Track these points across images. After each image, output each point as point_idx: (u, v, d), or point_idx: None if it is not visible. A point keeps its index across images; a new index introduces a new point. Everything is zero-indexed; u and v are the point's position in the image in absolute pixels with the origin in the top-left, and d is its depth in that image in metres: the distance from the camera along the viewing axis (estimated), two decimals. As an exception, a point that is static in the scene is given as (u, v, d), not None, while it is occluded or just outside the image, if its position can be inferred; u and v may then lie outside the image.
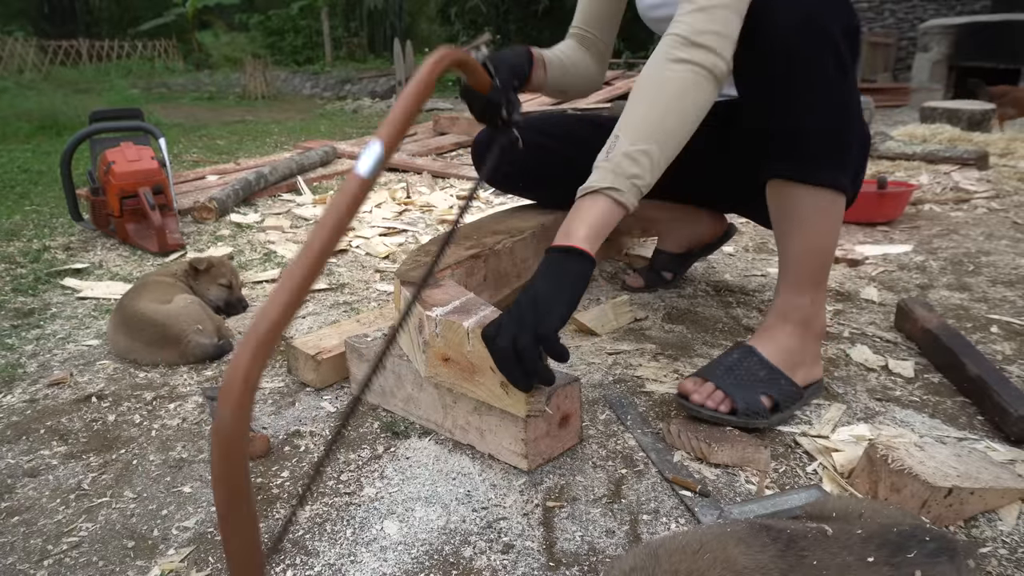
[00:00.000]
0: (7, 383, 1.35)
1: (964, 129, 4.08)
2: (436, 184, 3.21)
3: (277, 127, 5.83)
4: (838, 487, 0.96)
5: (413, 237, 2.34)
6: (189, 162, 3.94)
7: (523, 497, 0.96)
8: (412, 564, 0.84)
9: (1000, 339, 1.43)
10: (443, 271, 1.27)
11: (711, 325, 1.54)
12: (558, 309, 0.90)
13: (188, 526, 0.93)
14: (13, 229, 2.48)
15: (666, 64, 1.01)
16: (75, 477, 1.04)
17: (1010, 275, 1.81)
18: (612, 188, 0.96)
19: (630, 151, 0.97)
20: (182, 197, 2.73)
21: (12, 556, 0.88)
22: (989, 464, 0.95)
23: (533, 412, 0.96)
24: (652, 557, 0.66)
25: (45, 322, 1.65)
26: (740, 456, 1.02)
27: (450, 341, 1.01)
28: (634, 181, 0.97)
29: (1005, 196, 2.71)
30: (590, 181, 0.98)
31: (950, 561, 0.65)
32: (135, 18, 16.01)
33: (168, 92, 10.22)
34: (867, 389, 1.24)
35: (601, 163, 0.98)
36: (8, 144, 4.68)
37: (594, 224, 0.95)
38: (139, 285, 1.55)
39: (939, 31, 6.12)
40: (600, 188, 0.96)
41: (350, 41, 14.21)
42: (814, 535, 0.68)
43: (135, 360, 1.42)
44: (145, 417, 1.21)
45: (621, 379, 1.29)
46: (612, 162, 0.97)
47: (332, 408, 1.23)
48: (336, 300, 1.76)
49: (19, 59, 11.45)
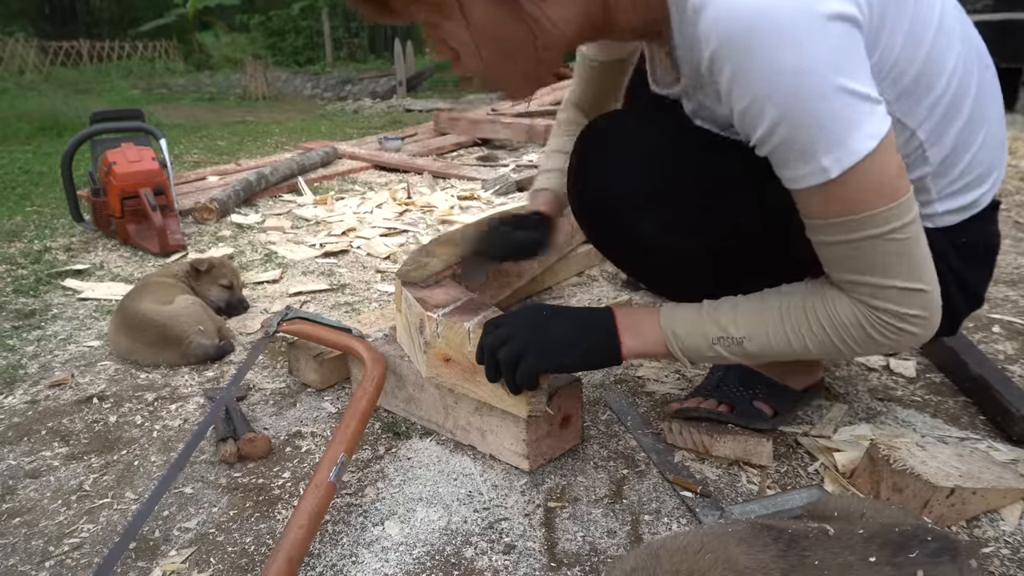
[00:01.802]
0: (8, 384, 1.35)
1: (965, 128, 4.07)
2: (437, 184, 3.20)
3: (278, 128, 5.83)
4: (840, 487, 0.96)
5: (414, 238, 2.34)
6: (190, 163, 3.94)
7: (524, 498, 0.96)
8: (413, 564, 0.84)
9: (1002, 339, 1.43)
10: (444, 272, 1.27)
11: (712, 325, 1.54)
12: (560, 360, 0.89)
13: (189, 527, 0.93)
14: (14, 230, 2.48)
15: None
16: (76, 478, 1.04)
17: (1012, 275, 1.80)
18: (686, 359, 0.88)
19: (732, 359, 0.86)
20: (183, 198, 2.73)
21: (14, 557, 0.88)
22: (991, 464, 0.95)
23: (534, 413, 0.95)
24: (653, 557, 0.66)
25: (46, 323, 1.65)
26: (743, 449, 1.01)
27: (451, 341, 1.01)
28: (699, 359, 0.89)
29: (1006, 196, 2.70)
30: (680, 331, 0.86)
31: (952, 561, 0.65)
32: (136, 19, 16.02)
33: (169, 93, 10.22)
34: (868, 389, 1.24)
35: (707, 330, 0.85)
36: (9, 145, 4.68)
37: (647, 351, 0.90)
38: (140, 286, 1.55)
39: (940, 30, 6.11)
40: (676, 353, 0.87)
41: (351, 42, 14.21)
42: (816, 535, 0.67)
43: (136, 361, 1.42)
44: (146, 418, 1.21)
45: (622, 379, 1.29)
46: (713, 349, 0.85)
47: (333, 409, 1.23)
48: (337, 300, 1.76)
49: (20, 60, 11.46)
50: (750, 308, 0.85)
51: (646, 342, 0.89)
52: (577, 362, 0.91)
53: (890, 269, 0.74)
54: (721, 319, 0.85)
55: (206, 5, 14.50)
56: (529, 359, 0.87)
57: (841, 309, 0.79)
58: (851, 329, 0.79)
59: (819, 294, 0.81)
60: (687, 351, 0.87)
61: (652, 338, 0.88)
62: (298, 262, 2.09)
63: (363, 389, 1.04)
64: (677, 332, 0.87)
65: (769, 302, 0.84)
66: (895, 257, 0.74)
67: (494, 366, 0.90)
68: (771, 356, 0.85)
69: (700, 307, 0.88)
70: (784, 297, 0.84)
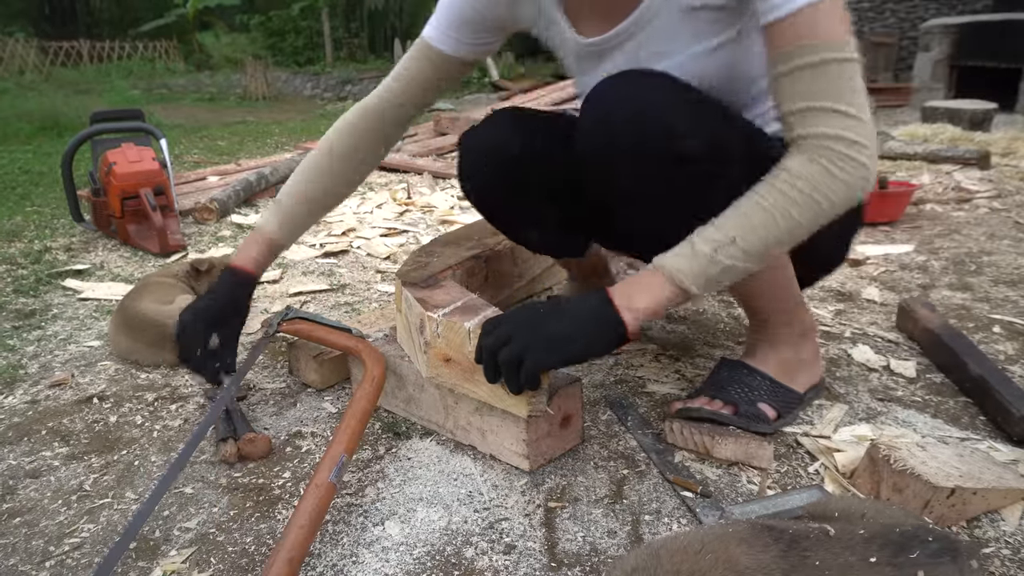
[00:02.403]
0: (8, 384, 1.35)
1: (966, 129, 4.07)
2: (437, 184, 3.21)
3: (278, 128, 5.83)
4: (840, 487, 0.96)
5: (414, 238, 2.34)
6: (190, 163, 3.94)
7: (525, 498, 0.96)
8: (414, 564, 0.84)
9: (1002, 339, 1.43)
10: (444, 271, 1.27)
11: (712, 325, 1.54)
12: (563, 356, 0.88)
13: (190, 527, 0.93)
14: (14, 230, 2.48)
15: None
16: (77, 478, 1.04)
17: (1012, 275, 1.80)
18: (697, 287, 0.87)
19: (738, 266, 0.86)
20: (183, 198, 2.73)
21: (14, 557, 0.88)
22: (992, 464, 0.95)
23: (534, 412, 0.95)
24: (654, 557, 0.66)
25: (46, 323, 1.65)
26: (744, 451, 1.01)
27: (451, 341, 1.01)
28: (716, 287, 0.89)
29: (1007, 196, 2.70)
30: (682, 264, 0.86)
31: (953, 561, 0.65)
32: (136, 19, 15.99)
33: (169, 93, 10.22)
34: (869, 389, 1.24)
35: (701, 249, 0.86)
36: (9, 145, 4.68)
37: (656, 310, 0.88)
38: (140, 286, 1.55)
39: (940, 31, 6.11)
40: (687, 285, 0.86)
41: (351, 42, 14.20)
42: (816, 535, 0.67)
43: (136, 361, 1.42)
44: (147, 418, 1.21)
45: (622, 379, 1.29)
46: (715, 263, 0.86)
47: (334, 409, 1.23)
48: (337, 301, 1.76)
49: (20, 60, 11.45)
50: (730, 214, 0.87)
51: (650, 301, 0.87)
52: (581, 353, 0.89)
53: (842, 95, 0.84)
54: (708, 234, 0.87)
55: (206, 5, 14.49)
56: (531, 358, 0.87)
57: (802, 166, 0.85)
58: (817, 176, 0.84)
59: (779, 171, 0.87)
60: (694, 278, 0.86)
61: (655, 292, 0.87)
62: (298, 262, 2.09)
63: (363, 389, 1.04)
64: (678, 267, 0.87)
65: (743, 202, 0.87)
66: (847, 82, 0.83)
67: (493, 367, 0.90)
68: (767, 248, 0.86)
69: (686, 240, 0.89)
70: (753, 194, 0.87)
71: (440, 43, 1.12)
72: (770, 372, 1.13)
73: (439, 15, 1.12)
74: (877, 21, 8.07)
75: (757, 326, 1.17)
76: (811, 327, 1.18)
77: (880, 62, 7.66)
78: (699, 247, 0.86)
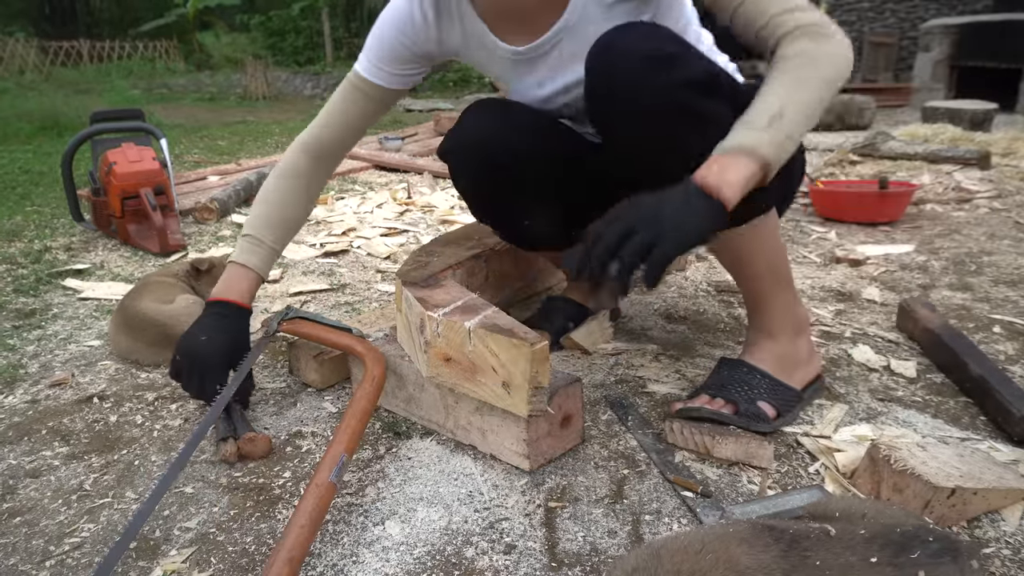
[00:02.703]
0: (9, 384, 1.35)
1: (966, 129, 4.07)
2: (437, 184, 3.21)
3: (278, 127, 5.83)
4: (840, 487, 0.96)
5: (414, 238, 2.34)
6: (190, 163, 3.94)
7: (525, 497, 0.96)
8: (414, 564, 0.84)
9: (1002, 339, 1.43)
10: (444, 271, 1.27)
11: (712, 325, 1.54)
12: (690, 240, 0.86)
13: (190, 527, 0.93)
14: (14, 230, 2.48)
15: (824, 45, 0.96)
16: (77, 478, 1.04)
17: (1012, 275, 1.80)
18: (771, 155, 0.89)
19: (794, 134, 0.91)
20: (183, 198, 2.73)
21: (14, 557, 0.88)
22: (992, 464, 0.95)
23: (535, 412, 0.95)
24: (654, 557, 0.66)
25: (46, 323, 1.65)
26: (744, 451, 1.01)
27: (451, 341, 1.01)
28: (784, 156, 0.91)
29: (1007, 196, 2.71)
30: (751, 138, 0.90)
31: (953, 561, 0.65)
32: (136, 19, 16.00)
33: (169, 93, 10.22)
34: (869, 389, 1.24)
35: (759, 122, 0.90)
36: (9, 145, 4.68)
37: (745, 184, 0.88)
38: (140, 286, 1.55)
39: (940, 31, 6.12)
40: (763, 152, 0.89)
41: (351, 42, 14.19)
42: (817, 535, 0.67)
43: (137, 361, 1.42)
44: (147, 418, 1.21)
45: (623, 379, 1.29)
46: (778, 130, 0.90)
47: (334, 408, 1.23)
48: (338, 300, 1.76)
49: (20, 60, 11.45)
50: (763, 96, 0.93)
51: (738, 175, 0.87)
52: (699, 236, 0.88)
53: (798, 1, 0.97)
54: (754, 115, 0.91)
55: (206, 5, 14.49)
56: (662, 246, 0.84)
57: (798, 44, 0.95)
58: (816, 48, 0.94)
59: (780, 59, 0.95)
60: (768, 146, 0.89)
61: (740, 167, 0.88)
62: (298, 262, 2.09)
63: (363, 389, 1.04)
64: (749, 141, 0.89)
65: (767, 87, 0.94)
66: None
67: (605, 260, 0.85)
68: (810, 110, 0.93)
69: (737, 124, 0.92)
70: (771, 79, 0.95)
71: (374, 76, 1.22)
72: (769, 369, 1.13)
73: (369, 51, 1.22)
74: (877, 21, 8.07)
75: (757, 317, 1.18)
76: (804, 321, 1.20)
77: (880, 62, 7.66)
78: (756, 123, 0.91)
